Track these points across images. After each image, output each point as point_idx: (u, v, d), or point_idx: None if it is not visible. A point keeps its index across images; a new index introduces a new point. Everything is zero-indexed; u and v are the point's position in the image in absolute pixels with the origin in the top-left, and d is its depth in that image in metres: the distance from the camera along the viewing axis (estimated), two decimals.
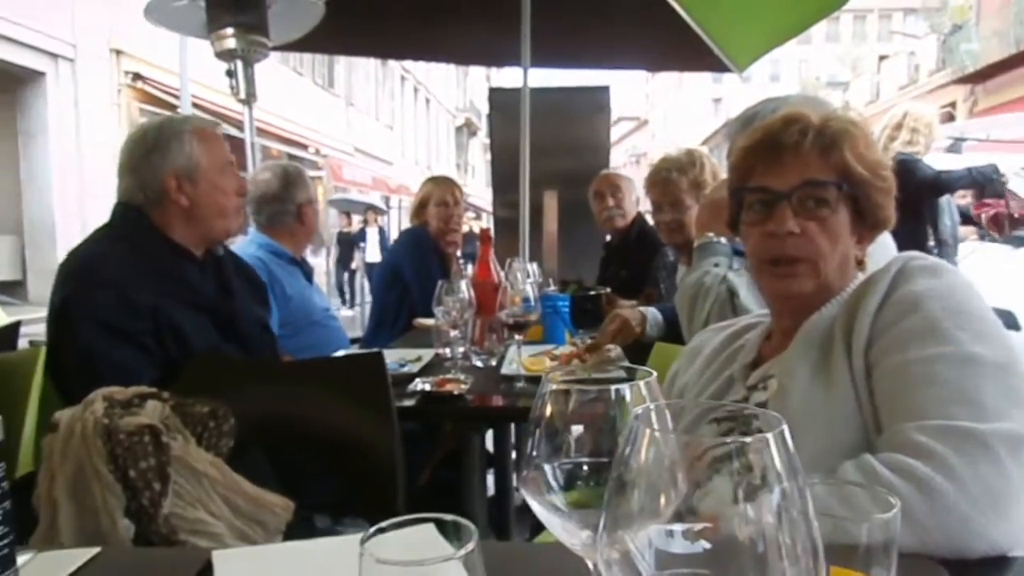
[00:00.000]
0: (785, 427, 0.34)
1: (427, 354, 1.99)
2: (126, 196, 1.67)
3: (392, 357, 1.87)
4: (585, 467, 0.47)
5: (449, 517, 0.48)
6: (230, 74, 3.39)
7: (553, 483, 0.48)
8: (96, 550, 0.79)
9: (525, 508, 2.58)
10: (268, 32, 3.28)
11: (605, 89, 4.63)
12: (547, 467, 0.48)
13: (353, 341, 3.08)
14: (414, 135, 28.03)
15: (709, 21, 3.50)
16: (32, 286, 10.51)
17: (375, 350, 1.61)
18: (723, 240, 1.80)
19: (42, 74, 10.20)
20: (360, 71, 21.42)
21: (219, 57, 3.31)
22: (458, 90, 35.01)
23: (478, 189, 28.28)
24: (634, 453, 0.37)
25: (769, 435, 0.34)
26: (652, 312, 2.02)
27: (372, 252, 13.05)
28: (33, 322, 2.71)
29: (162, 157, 1.66)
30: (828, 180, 0.97)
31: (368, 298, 11.61)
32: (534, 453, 0.48)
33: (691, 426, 0.41)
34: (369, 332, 3.21)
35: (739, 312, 1.61)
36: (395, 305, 3.12)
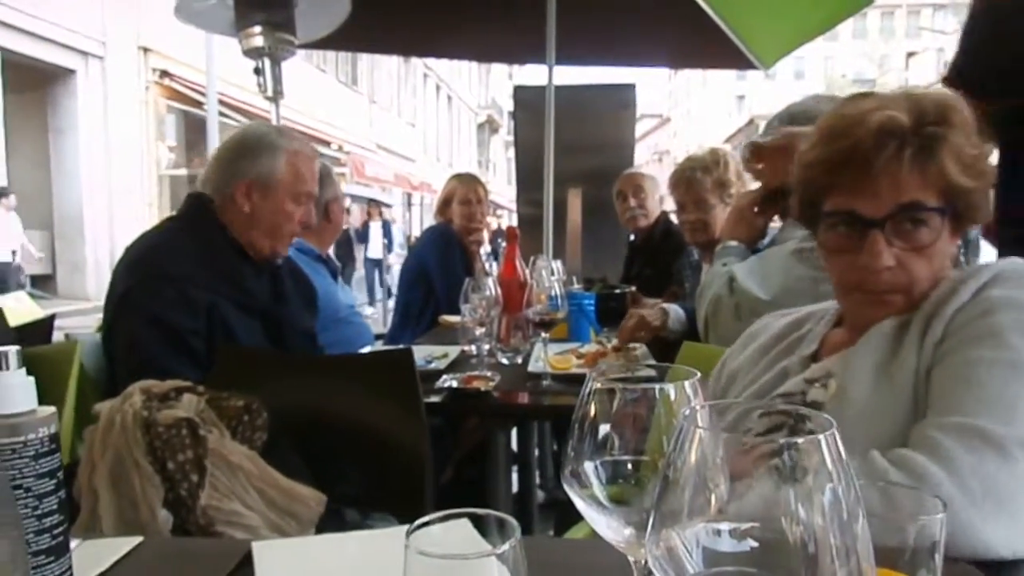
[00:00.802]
0: (836, 430, 0.35)
1: (453, 351, 2.00)
2: (203, 187, 1.72)
3: (419, 354, 1.89)
4: (628, 465, 0.47)
5: (491, 513, 0.49)
6: (258, 72, 3.41)
7: (595, 480, 0.48)
8: (139, 539, 0.81)
9: (548, 505, 2.60)
10: (295, 30, 3.31)
11: (630, 87, 4.61)
12: (589, 464, 0.49)
13: (377, 337, 3.10)
14: (436, 132, 28.11)
15: (735, 18, 3.48)
16: (61, 280, 10.71)
17: (404, 347, 1.62)
18: (734, 243, 1.81)
19: (73, 72, 10.38)
20: (383, 68, 21.52)
21: (247, 55, 3.34)
22: (480, 87, 35.05)
23: (499, 186, 28.30)
24: (682, 452, 0.37)
25: (821, 436, 0.34)
26: (674, 309, 2.02)
27: (375, 248, 12.46)
28: (63, 315, 2.76)
29: (250, 163, 1.69)
30: (930, 205, 0.86)
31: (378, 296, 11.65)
32: (577, 450, 0.48)
33: (739, 424, 0.42)
34: (394, 328, 3.23)
35: (737, 295, 1.59)
36: (420, 302, 3.14)
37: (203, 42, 9.85)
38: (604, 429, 0.48)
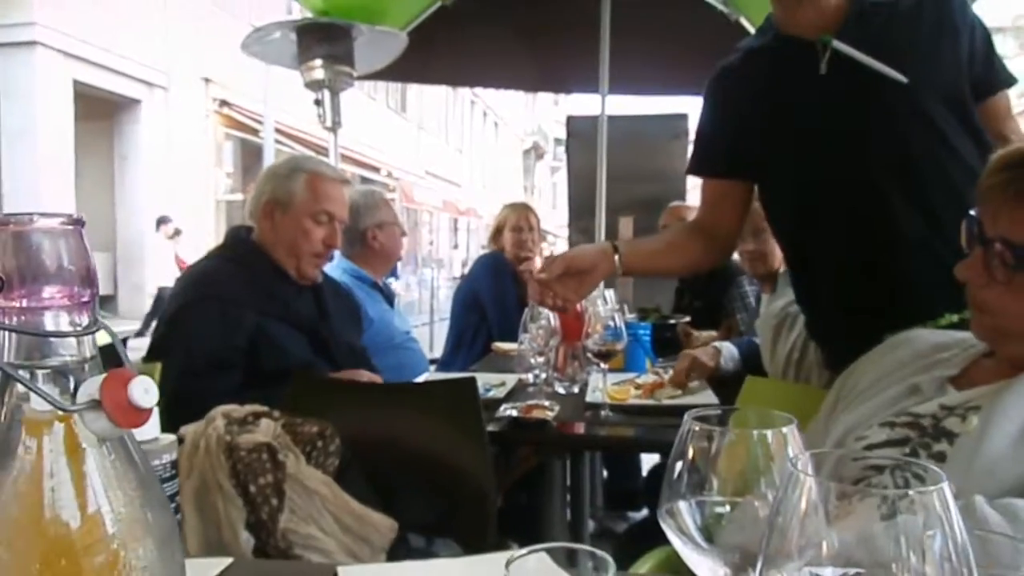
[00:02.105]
0: (947, 486, 0.36)
1: (510, 379, 2.02)
2: (246, 213, 1.88)
3: (478, 382, 1.92)
4: (725, 506, 0.49)
5: (585, 548, 0.50)
6: (318, 103, 3.53)
7: (690, 519, 0.50)
8: (228, 560, 0.85)
9: (599, 535, 2.58)
10: (354, 63, 3.41)
11: (683, 117, 4.63)
12: (684, 503, 0.50)
13: (431, 363, 3.15)
14: (482, 158, 28.42)
15: None
16: (122, 301, 11.10)
17: (468, 375, 1.66)
18: None
19: (138, 101, 10.85)
20: (431, 95, 21.93)
21: (307, 87, 3.45)
22: (526, 113, 35.38)
23: (544, 212, 28.40)
24: (790, 498, 0.39)
25: (934, 490, 0.35)
26: (727, 347, 2.00)
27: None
28: (124, 335, 2.88)
29: (274, 184, 1.83)
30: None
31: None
32: (674, 488, 0.50)
33: (844, 470, 0.43)
34: (447, 354, 3.27)
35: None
36: (473, 328, 3.18)
37: (261, 72, 10.21)
38: (701, 470, 0.49)
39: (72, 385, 0.34)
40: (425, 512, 1.34)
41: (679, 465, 0.50)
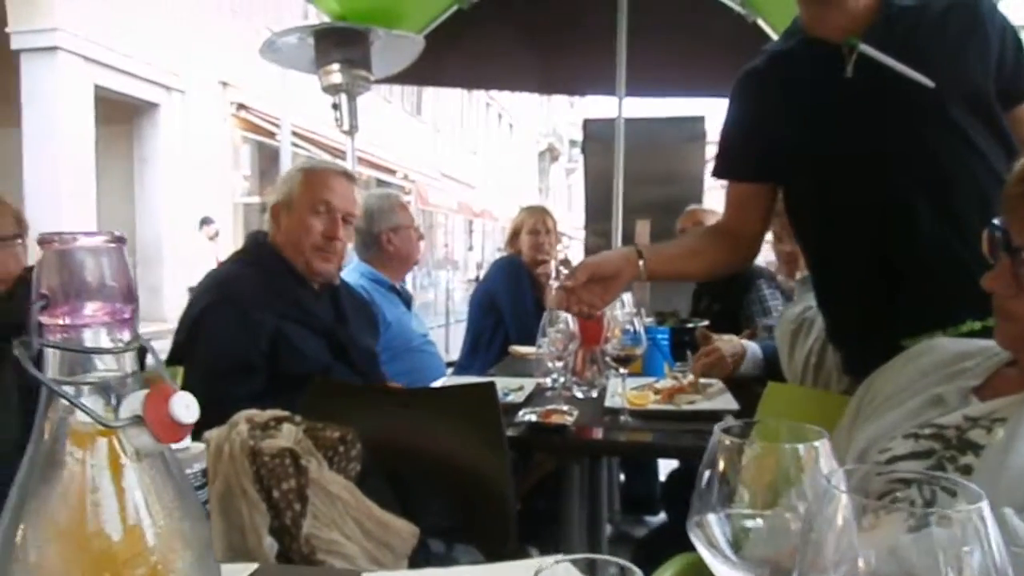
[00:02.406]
0: (985, 504, 0.36)
1: (528, 383, 2.02)
2: (265, 223, 1.92)
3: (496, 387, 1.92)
4: (756, 519, 0.49)
5: (612, 559, 0.50)
6: (335, 107, 3.55)
7: (720, 532, 0.50)
8: (254, 566, 0.85)
9: (616, 539, 2.56)
10: (371, 67, 3.43)
11: (700, 119, 4.61)
12: (714, 516, 0.50)
13: (448, 365, 3.16)
14: (497, 160, 28.45)
15: None
16: (141, 302, 11.17)
17: (488, 380, 1.66)
18: None
19: (157, 105, 10.96)
20: (446, 98, 21.99)
21: (325, 91, 3.47)
22: (541, 115, 35.39)
23: (559, 213, 28.34)
24: (825, 514, 0.39)
25: (971, 508, 0.35)
26: (753, 348, 1.99)
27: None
28: (151, 337, 2.94)
29: (278, 187, 1.88)
30: None
31: None
32: (704, 500, 0.50)
33: (873, 485, 0.43)
34: (464, 357, 3.28)
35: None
36: (489, 330, 3.19)
37: (278, 76, 10.28)
38: (730, 482, 0.49)
39: (114, 400, 0.34)
40: (445, 517, 1.34)
41: (708, 477, 0.50)
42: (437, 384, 2.17)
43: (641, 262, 1.41)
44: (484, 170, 26.41)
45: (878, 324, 1.34)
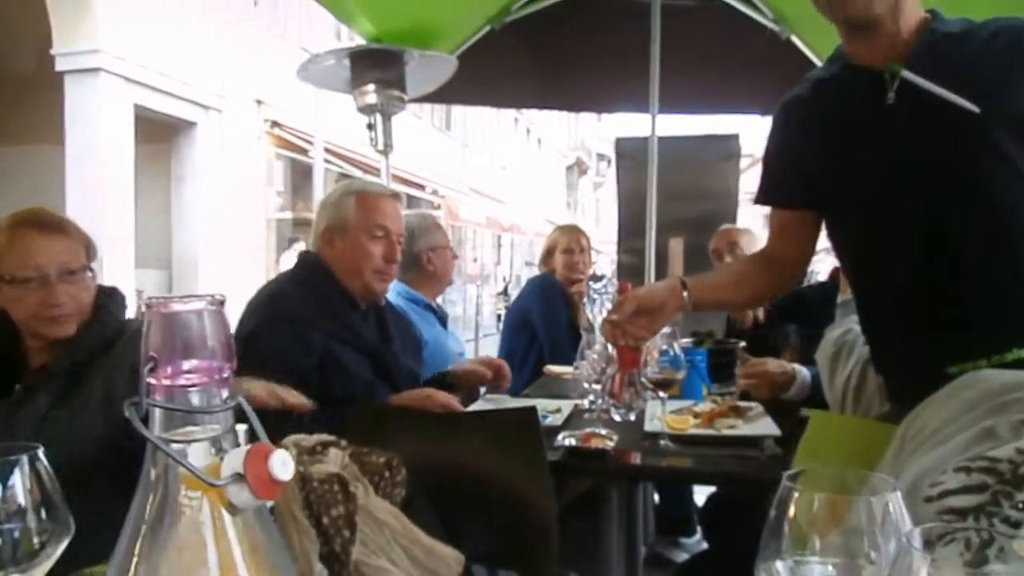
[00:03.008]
0: None
1: (566, 406, 2.02)
2: (309, 240, 1.97)
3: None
4: (828, 566, 0.49)
5: None
6: (370, 127, 3.60)
7: None
8: None
9: (650, 561, 2.54)
10: (406, 87, 3.48)
11: (734, 137, 4.59)
12: (782, 564, 0.50)
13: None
14: (525, 174, 28.55)
15: None
16: None
17: (528, 404, 1.67)
18: None
19: (194, 123, 11.19)
20: (475, 113, 22.14)
21: (360, 111, 3.53)
22: (569, 129, 35.47)
23: (588, 228, 28.29)
24: (902, 571, 0.39)
25: None
26: (804, 374, 1.96)
27: None
28: None
29: (329, 212, 1.89)
30: None
31: None
32: (772, 547, 0.50)
33: (923, 512, 0.42)
34: None
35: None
36: (523, 349, 3.19)
37: (311, 94, 10.45)
38: (800, 530, 0.49)
39: (215, 456, 0.35)
40: (488, 542, 1.34)
41: (777, 523, 0.50)
42: (475, 405, 2.18)
43: (685, 293, 1.42)
44: (512, 184, 26.50)
45: (921, 351, 1.32)
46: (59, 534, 0.61)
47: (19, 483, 0.60)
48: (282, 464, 0.35)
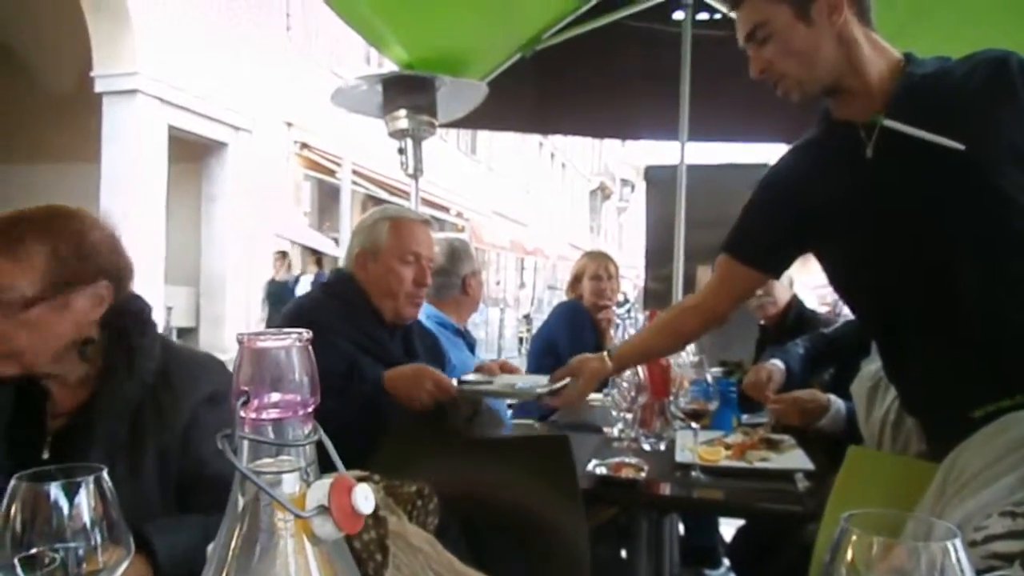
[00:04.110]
0: None
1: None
2: (343, 262, 2.01)
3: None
4: None
5: None
6: (401, 151, 3.65)
7: None
8: None
9: None
10: (437, 113, 3.53)
11: (763, 167, 4.56)
12: None
13: (508, 407, 3.16)
14: (549, 198, 28.65)
15: None
16: (203, 333, 11.55)
17: (561, 434, 1.67)
18: None
19: (225, 144, 11.42)
20: (501, 138, 22.31)
21: (392, 136, 3.58)
22: (593, 154, 35.61)
23: (610, 252, 28.26)
24: None
25: None
26: (838, 405, 1.94)
27: None
28: None
29: (363, 237, 1.94)
30: None
31: None
32: None
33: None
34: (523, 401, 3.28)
35: None
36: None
37: (341, 117, 10.60)
38: (856, 574, 0.49)
39: (299, 488, 0.37)
40: (520, 571, 1.34)
41: (834, 568, 0.50)
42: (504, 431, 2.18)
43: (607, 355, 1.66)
44: (536, 208, 26.59)
45: (944, 396, 1.31)
46: (121, 554, 0.63)
47: (84, 502, 0.61)
48: (364, 498, 0.36)
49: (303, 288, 9.11)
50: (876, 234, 1.34)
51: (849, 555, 0.49)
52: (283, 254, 9.94)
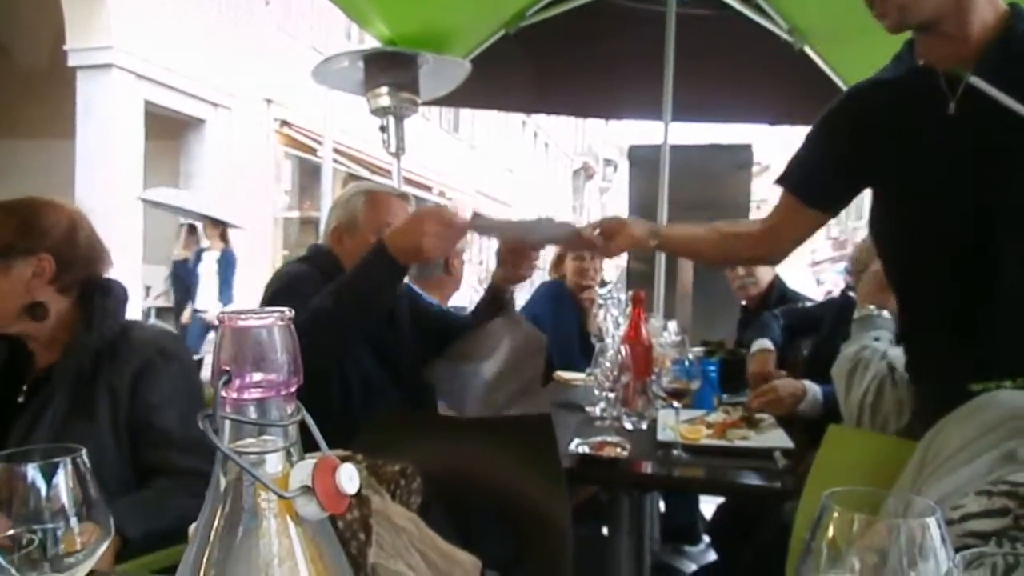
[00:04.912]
0: None
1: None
2: (322, 238, 2.00)
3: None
4: None
5: None
6: (383, 129, 3.61)
7: None
8: None
9: (657, 569, 2.54)
10: (419, 90, 3.49)
11: (747, 148, 4.60)
12: None
13: None
14: (532, 178, 28.55)
15: (858, 80, 3.44)
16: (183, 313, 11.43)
17: (544, 413, 1.67)
18: (885, 313, 1.75)
19: (203, 121, 11.23)
20: (483, 116, 22.15)
21: (373, 113, 3.54)
22: (576, 134, 35.49)
23: None
24: None
25: None
26: (814, 390, 1.97)
27: (207, 294, 7.70)
28: None
29: (339, 211, 1.95)
30: None
31: None
32: (809, 567, 0.51)
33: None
34: None
35: (899, 390, 1.54)
36: None
37: (321, 94, 10.46)
38: (839, 553, 0.50)
39: (281, 469, 0.36)
40: (502, 549, 1.35)
41: (815, 545, 0.50)
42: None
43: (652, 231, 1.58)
44: (519, 187, 26.50)
45: (949, 363, 1.32)
46: (100, 535, 0.62)
47: (63, 483, 0.61)
48: (349, 478, 0.36)
49: (206, 266, 7.83)
50: (944, 185, 1.28)
51: (830, 532, 0.50)
52: (192, 227, 8.20)
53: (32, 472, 0.60)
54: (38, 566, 0.60)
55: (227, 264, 7.55)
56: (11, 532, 0.59)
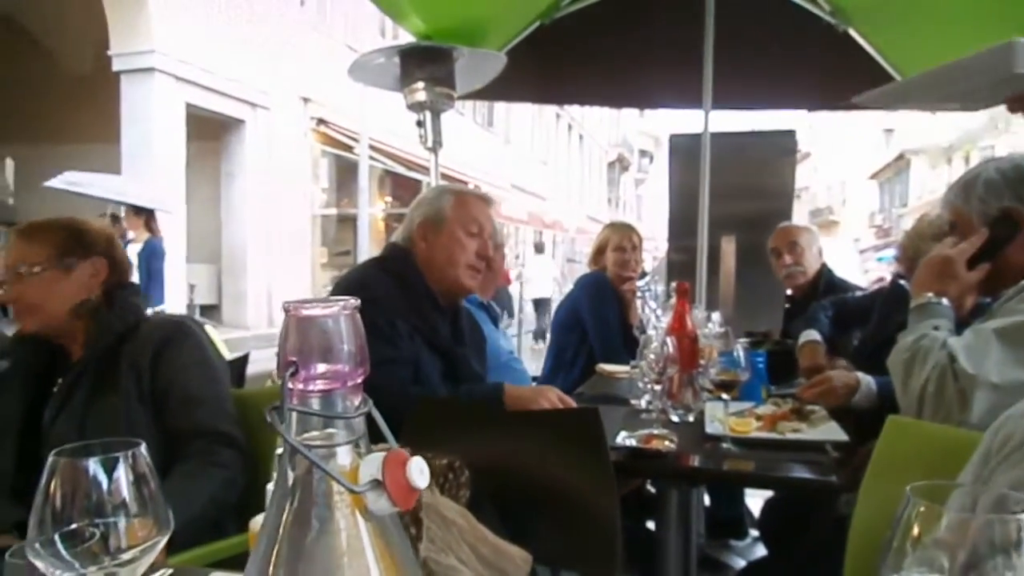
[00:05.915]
0: None
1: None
2: (398, 236, 1.98)
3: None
4: None
5: None
6: (420, 124, 3.62)
7: None
8: None
9: (702, 563, 2.50)
10: (455, 85, 3.48)
11: (790, 133, 4.50)
12: None
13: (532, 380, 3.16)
14: (567, 170, 28.44)
15: (905, 62, 3.34)
16: (225, 310, 11.66)
17: (592, 406, 1.65)
18: (944, 302, 1.68)
19: (243, 121, 11.42)
20: (517, 110, 22.13)
21: (410, 108, 3.54)
22: (611, 125, 35.23)
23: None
24: None
25: None
26: (867, 381, 1.90)
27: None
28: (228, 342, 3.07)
29: (424, 208, 1.94)
30: None
31: None
32: (895, 563, 0.48)
33: None
34: (546, 373, 3.27)
35: (960, 380, 1.48)
36: (573, 347, 3.17)
37: (357, 91, 10.55)
38: (924, 548, 0.47)
39: (350, 462, 0.35)
40: (552, 544, 1.33)
41: (900, 541, 0.48)
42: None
43: None
44: (554, 181, 26.41)
45: None
46: (160, 528, 0.62)
47: (123, 477, 0.61)
48: (419, 472, 0.34)
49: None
50: None
51: (915, 529, 0.47)
52: (114, 218, 6.90)
53: (93, 467, 0.61)
54: (99, 559, 0.60)
55: (152, 256, 6.28)
56: (74, 526, 0.60)
